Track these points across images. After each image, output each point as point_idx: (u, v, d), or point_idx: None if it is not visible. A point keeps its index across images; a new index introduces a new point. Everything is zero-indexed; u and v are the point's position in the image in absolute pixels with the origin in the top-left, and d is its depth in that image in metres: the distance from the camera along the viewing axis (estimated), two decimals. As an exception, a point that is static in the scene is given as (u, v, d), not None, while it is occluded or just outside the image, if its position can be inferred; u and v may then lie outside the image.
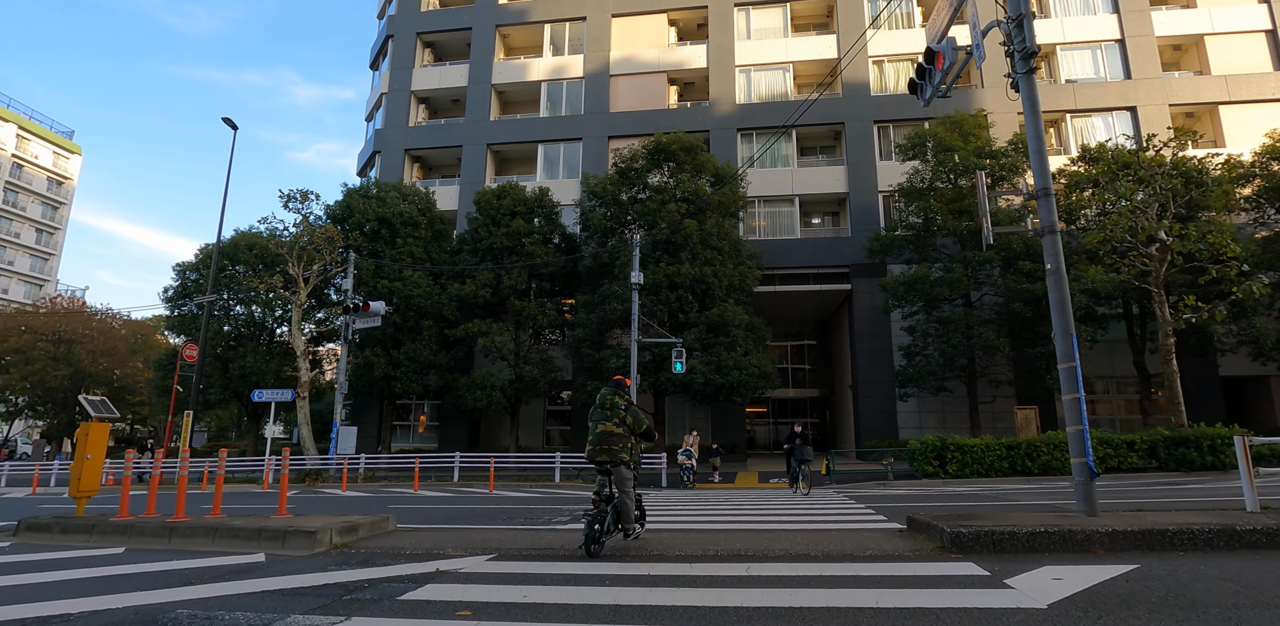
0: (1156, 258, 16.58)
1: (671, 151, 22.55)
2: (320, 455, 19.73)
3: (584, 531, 5.57)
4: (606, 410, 6.01)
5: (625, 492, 5.87)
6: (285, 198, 20.05)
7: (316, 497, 14.45)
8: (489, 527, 7.95)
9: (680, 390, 21.65)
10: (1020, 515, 6.40)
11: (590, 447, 5.93)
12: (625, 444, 5.92)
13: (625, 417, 5.96)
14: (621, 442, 5.89)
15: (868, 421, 24.99)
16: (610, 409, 6.00)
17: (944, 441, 16.18)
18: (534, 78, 30.93)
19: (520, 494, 14.80)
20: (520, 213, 23.39)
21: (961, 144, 21.51)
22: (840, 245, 26.86)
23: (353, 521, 6.94)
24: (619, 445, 5.87)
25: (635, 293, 18.97)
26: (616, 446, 5.86)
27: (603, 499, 5.78)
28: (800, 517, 8.73)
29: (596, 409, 6.07)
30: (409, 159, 31.32)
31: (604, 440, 5.88)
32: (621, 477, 5.86)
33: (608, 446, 5.85)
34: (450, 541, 6.41)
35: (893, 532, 6.52)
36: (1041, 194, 6.57)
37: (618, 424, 5.93)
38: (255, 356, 23.84)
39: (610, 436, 5.88)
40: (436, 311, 23.07)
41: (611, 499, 5.82)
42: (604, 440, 5.88)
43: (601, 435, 5.90)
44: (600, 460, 5.86)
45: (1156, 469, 15.90)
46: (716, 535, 6.56)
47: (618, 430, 5.91)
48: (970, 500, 10.81)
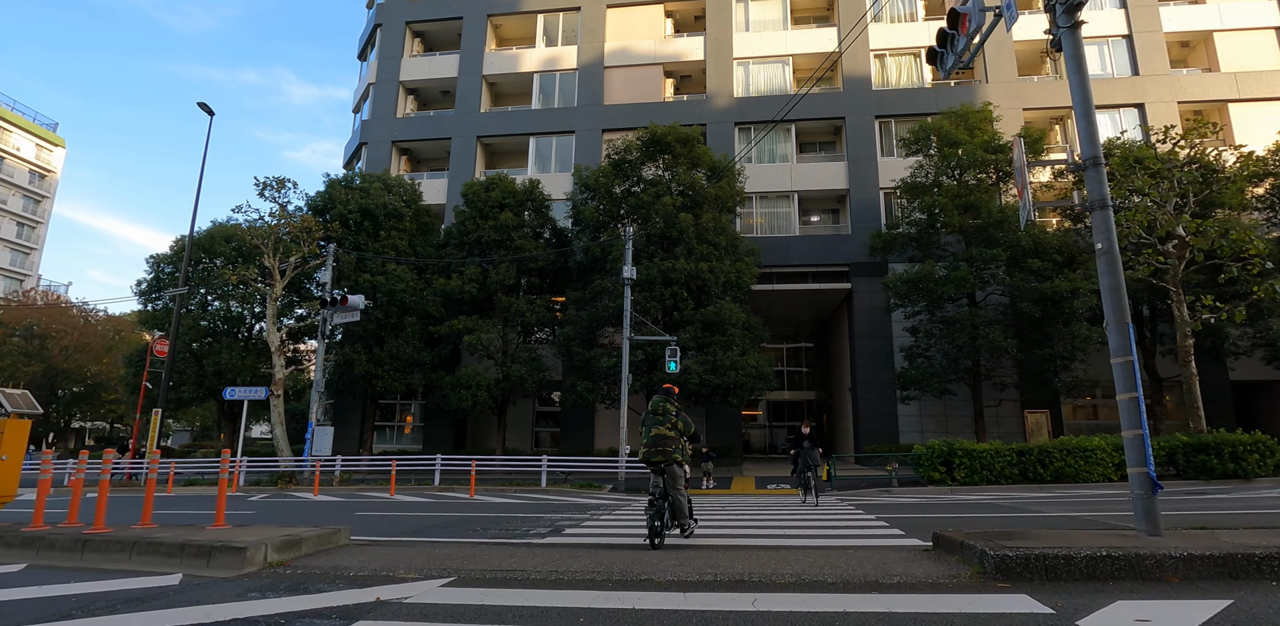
0: (1175, 255, 15.81)
1: (667, 143, 21.68)
2: (295, 456, 18.74)
3: (647, 525, 6.14)
4: (659, 416, 6.57)
5: (678, 490, 6.43)
6: (261, 185, 19.06)
7: (284, 503, 13.49)
8: (456, 541, 7.04)
9: (674, 391, 20.75)
10: (1070, 534, 5.53)
11: (645, 449, 6.48)
12: (677, 445, 6.49)
13: (676, 422, 6.55)
14: (674, 444, 6.47)
15: (867, 425, 24.16)
16: (663, 414, 6.58)
17: (951, 446, 15.35)
18: (526, 69, 30.06)
19: (502, 499, 13.87)
20: (509, 205, 22.48)
21: (967, 138, 20.75)
22: (840, 243, 26.06)
23: (295, 535, 6.02)
24: (672, 447, 6.45)
25: (627, 288, 18.08)
26: (670, 448, 6.44)
27: (658, 496, 6.29)
28: (806, 530, 7.85)
29: (650, 414, 6.65)
30: (396, 151, 30.37)
31: (658, 442, 6.45)
32: (674, 476, 6.42)
33: (662, 448, 6.42)
34: (405, 560, 5.50)
35: (917, 552, 5.65)
36: (1091, 163, 5.73)
37: (670, 428, 6.51)
38: (231, 353, 22.82)
39: (664, 439, 6.46)
40: (421, 307, 22.12)
41: (666, 496, 6.33)
42: (658, 442, 6.45)
43: (656, 438, 6.47)
44: (655, 460, 6.41)
45: (1174, 477, 15.10)
46: (714, 554, 5.67)
47: (670, 433, 6.49)
48: (987, 510, 9.96)
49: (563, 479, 17.94)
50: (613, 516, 9.80)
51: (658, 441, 6.46)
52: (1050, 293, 18.85)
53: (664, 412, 6.60)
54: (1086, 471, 14.97)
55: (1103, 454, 15.03)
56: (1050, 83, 27.20)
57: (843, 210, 27.66)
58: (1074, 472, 14.95)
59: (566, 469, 18.00)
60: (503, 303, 21.85)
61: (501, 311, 22.20)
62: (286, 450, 18.80)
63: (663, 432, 6.47)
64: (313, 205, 22.71)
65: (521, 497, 14.49)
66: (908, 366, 21.74)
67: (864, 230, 24.95)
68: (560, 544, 6.69)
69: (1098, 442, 15.19)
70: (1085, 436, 15.62)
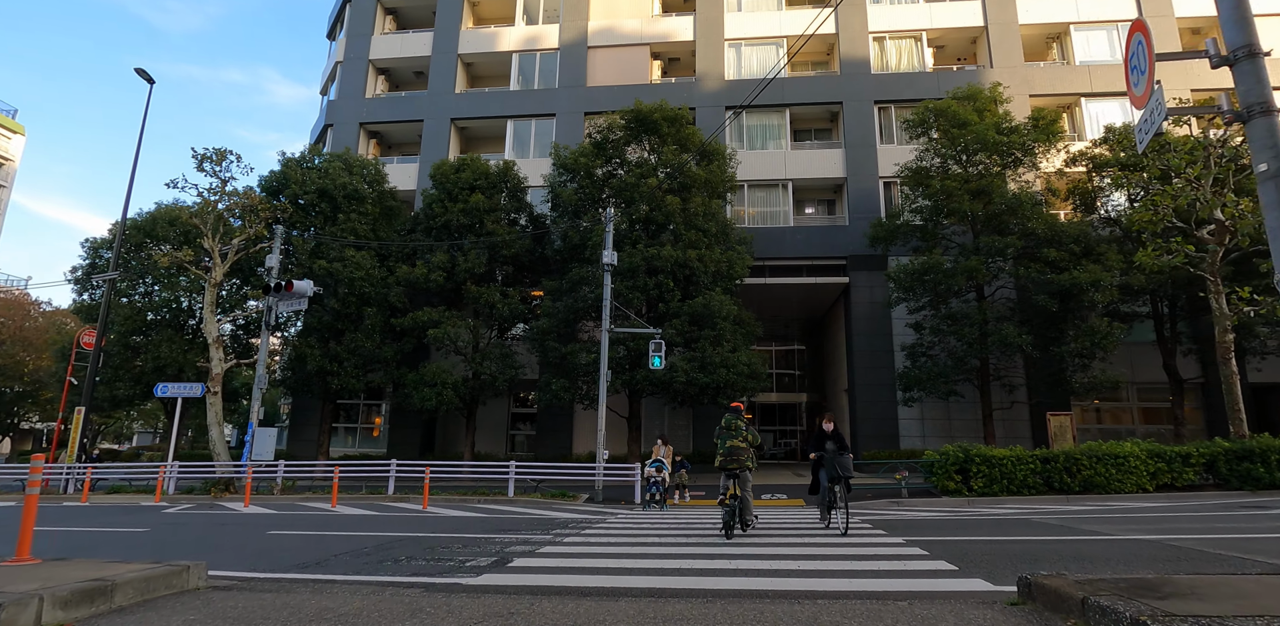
0: (1212, 241, 14.28)
1: (653, 122, 19.94)
2: (235, 461, 16.72)
3: (722, 520, 7.55)
4: (731, 431, 8.01)
5: (747, 491, 7.80)
6: (199, 158, 17.02)
7: (197, 516, 11.53)
8: (354, 581, 5.19)
9: (659, 390, 18.97)
10: (1240, 583, 3.74)
11: (722, 459, 7.90)
12: (749, 455, 7.95)
13: (747, 435, 8.00)
14: (746, 454, 7.90)
15: (865, 429, 22.50)
16: (734, 430, 8.00)
17: (968, 452, 13.67)
18: (504, 48, 28.24)
19: (458, 513, 12.00)
20: (481, 187, 20.62)
21: (976, 119, 19.22)
22: (837, 234, 24.45)
23: (105, 580, 4.15)
24: (744, 456, 7.88)
25: (607, 274, 16.28)
26: (743, 457, 7.87)
27: (730, 497, 7.54)
28: (823, 562, 6.09)
29: (723, 430, 8.08)
30: (365, 134, 28.41)
31: (733, 453, 7.86)
32: (745, 479, 7.80)
33: (736, 457, 7.85)
34: (255, 619, 3.67)
35: (1002, 609, 3.90)
36: (1244, 53, 4.06)
37: (742, 440, 7.92)
38: (172, 346, 20.69)
39: (738, 450, 7.86)
40: (382, 298, 20.17)
41: (738, 496, 7.56)
42: (733, 453, 7.86)
43: (731, 449, 7.87)
44: (731, 468, 7.79)
45: (1215, 486, 13.53)
46: (706, 612, 3.89)
47: (742, 444, 7.89)
48: (1030, 530, 8.27)
49: (533, 487, 16.07)
50: (582, 537, 7.99)
51: (733, 452, 7.86)
52: (1069, 284, 17.30)
53: (735, 428, 8.04)
54: (1119, 481, 13.35)
55: (1136, 461, 13.43)
56: (1058, 69, 25.84)
57: (839, 200, 26.08)
58: (1105, 482, 13.33)
59: (538, 476, 16.15)
60: (472, 293, 19.95)
61: (472, 303, 20.29)
62: (224, 454, 16.77)
63: (737, 444, 7.90)
64: (266, 186, 20.70)
65: (482, 510, 12.62)
66: (910, 366, 20.13)
67: (862, 221, 23.37)
68: (496, 588, 4.88)
69: (1130, 448, 13.58)
70: (1114, 442, 14.03)
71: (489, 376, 19.99)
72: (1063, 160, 21.07)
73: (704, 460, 22.52)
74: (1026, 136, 19.06)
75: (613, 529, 9.06)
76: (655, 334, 16.35)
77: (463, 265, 19.92)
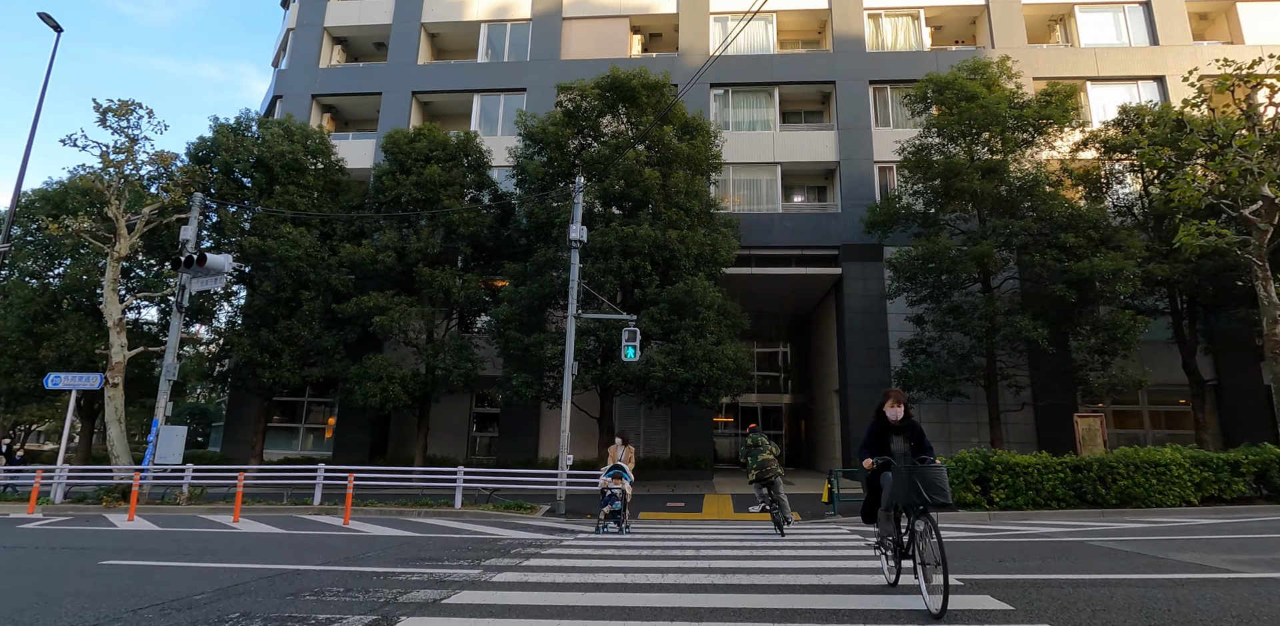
0: (1260, 221, 12.62)
1: (630, 89, 17.89)
2: (136, 464, 14.28)
3: (773, 521, 9.23)
4: (759, 448, 9.55)
5: (781, 493, 9.35)
6: (102, 111, 14.57)
7: (56, 533, 9.18)
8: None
9: (634, 387, 16.86)
10: None
11: (757, 471, 9.37)
12: (778, 464, 9.55)
13: (773, 448, 9.63)
14: (776, 464, 9.48)
15: (857, 433, 20.59)
16: (761, 447, 9.55)
17: (988, 460, 11.81)
18: (473, 17, 26.04)
19: (382, 530, 9.81)
20: (438, 159, 18.40)
21: (985, 91, 17.50)
22: (829, 222, 22.60)
23: None
24: (776, 465, 9.46)
25: (575, 252, 14.18)
26: (775, 467, 9.42)
27: (769, 501, 9.28)
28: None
29: (751, 448, 9.59)
30: (318, 107, 25.99)
31: (767, 465, 9.39)
32: (778, 485, 9.36)
33: (771, 468, 9.39)
34: None
35: None
36: None
37: (769, 453, 9.49)
38: (79, 332, 18.13)
39: (770, 462, 9.42)
40: (323, 280, 17.86)
41: (774, 499, 9.26)
42: (767, 465, 9.39)
43: (764, 462, 9.40)
44: (767, 477, 9.33)
45: (1267, 499, 11.82)
46: None
47: (771, 457, 9.48)
48: (1109, 564, 6.36)
49: (485, 498, 13.88)
50: (519, 573, 5.88)
51: (766, 464, 9.36)
52: (1089, 273, 15.59)
53: (761, 445, 9.53)
54: (1160, 492, 11.59)
55: (1179, 470, 11.67)
56: (1061, 51, 24.34)
57: (831, 186, 24.27)
58: (1144, 494, 11.56)
59: (494, 484, 13.97)
60: (425, 276, 17.70)
61: (425, 288, 18.04)
62: (124, 456, 14.32)
63: (768, 457, 9.42)
64: (193, 154, 18.31)
65: (415, 526, 10.43)
66: (909, 364, 18.31)
67: (856, 208, 21.55)
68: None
69: (1171, 455, 11.83)
70: (1152, 447, 12.27)
71: (444, 370, 17.75)
72: (1073, 144, 19.46)
73: (683, 466, 20.48)
74: (1041, 111, 17.37)
75: (565, 557, 6.98)
76: (630, 320, 14.30)
77: (415, 245, 17.69)
